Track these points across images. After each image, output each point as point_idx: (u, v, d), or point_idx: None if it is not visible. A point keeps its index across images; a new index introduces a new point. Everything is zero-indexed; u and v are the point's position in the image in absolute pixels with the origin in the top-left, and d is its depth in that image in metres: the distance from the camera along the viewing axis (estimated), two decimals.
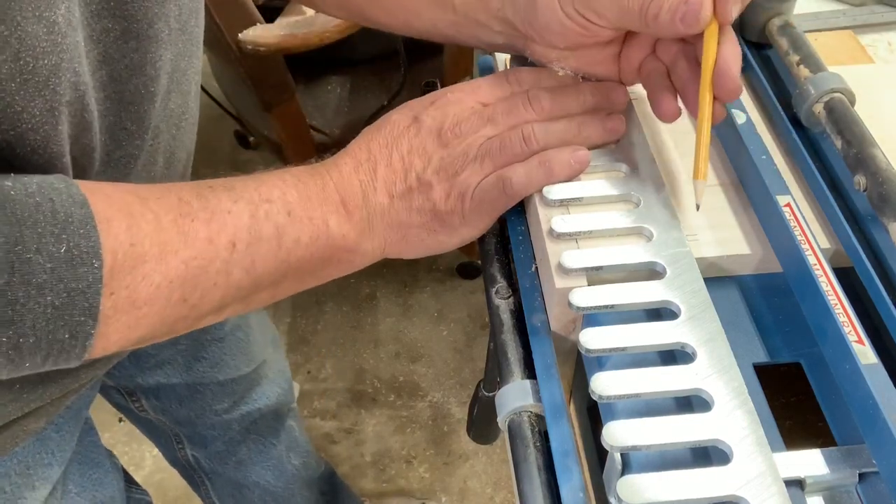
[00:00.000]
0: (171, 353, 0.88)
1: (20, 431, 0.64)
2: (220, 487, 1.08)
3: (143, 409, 0.93)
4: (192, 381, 0.91)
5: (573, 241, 0.55)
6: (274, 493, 1.10)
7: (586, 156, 0.57)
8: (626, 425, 0.45)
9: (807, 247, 0.53)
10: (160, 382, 0.90)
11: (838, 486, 0.47)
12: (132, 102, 0.52)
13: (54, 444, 0.71)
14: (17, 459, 0.67)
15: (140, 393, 0.91)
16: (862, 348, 0.47)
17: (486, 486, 1.56)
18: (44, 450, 0.70)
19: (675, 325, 0.50)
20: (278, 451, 1.08)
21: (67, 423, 0.72)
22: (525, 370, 0.54)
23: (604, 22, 0.55)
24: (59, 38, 0.42)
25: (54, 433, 0.71)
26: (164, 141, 0.59)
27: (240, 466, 1.05)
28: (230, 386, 0.95)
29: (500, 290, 0.59)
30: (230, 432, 1.00)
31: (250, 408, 0.99)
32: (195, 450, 1.02)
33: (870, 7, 0.80)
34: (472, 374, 1.71)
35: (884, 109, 0.65)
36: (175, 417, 0.96)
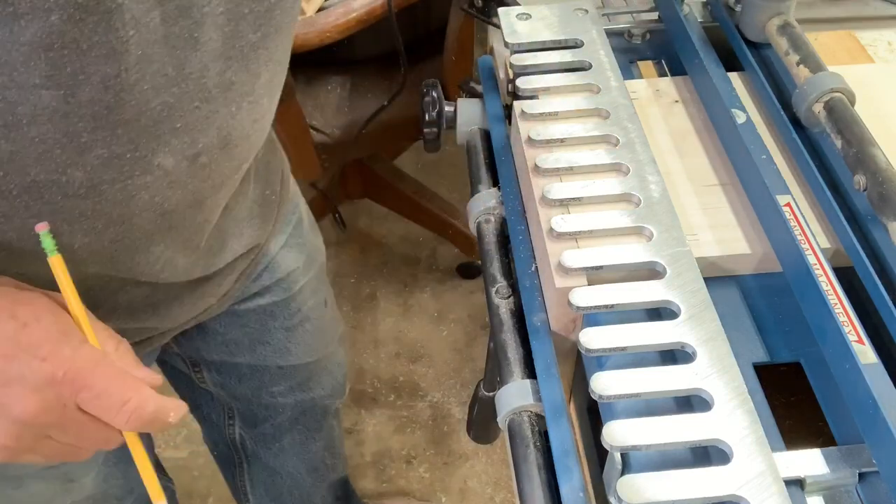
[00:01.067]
0: (238, 334, 0.89)
1: None
2: (255, 472, 1.09)
3: (203, 380, 0.95)
4: (254, 363, 0.93)
5: (573, 240, 0.55)
6: (301, 487, 1.12)
7: None
8: (626, 425, 0.45)
9: (807, 247, 0.53)
10: (224, 359, 0.91)
11: (838, 485, 0.47)
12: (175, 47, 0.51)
13: None
14: None
15: (203, 364, 0.93)
16: (862, 348, 0.47)
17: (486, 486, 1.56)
18: None
19: (675, 325, 0.50)
20: (317, 448, 1.10)
21: None
22: (525, 370, 0.54)
23: None
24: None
25: None
26: (218, 114, 0.57)
27: (280, 454, 1.06)
28: (290, 371, 0.96)
29: (500, 290, 0.59)
30: (280, 417, 1.01)
31: (305, 396, 1.01)
32: (244, 428, 1.03)
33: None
34: (472, 374, 1.71)
35: (884, 109, 0.65)
36: (233, 392, 0.97)
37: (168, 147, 0.55)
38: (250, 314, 0.87)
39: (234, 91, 0.57)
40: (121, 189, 0.54)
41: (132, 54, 0.49)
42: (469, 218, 0.66)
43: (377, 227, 1.95)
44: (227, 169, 0.62)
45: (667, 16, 0.76)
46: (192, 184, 0.60)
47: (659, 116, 0.68)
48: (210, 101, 0.56)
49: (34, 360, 0.48)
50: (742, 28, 0.70)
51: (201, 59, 0.53)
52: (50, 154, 0.50)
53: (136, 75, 0.50)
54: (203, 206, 0.63)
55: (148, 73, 0.51)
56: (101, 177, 0.54)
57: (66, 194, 0.54)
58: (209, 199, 0.64)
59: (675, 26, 0.73)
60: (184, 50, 0.52)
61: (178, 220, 0.61)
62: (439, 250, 1.89)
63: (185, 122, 0.55)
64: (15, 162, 0.51)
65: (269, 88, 0.62)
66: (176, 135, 0.55)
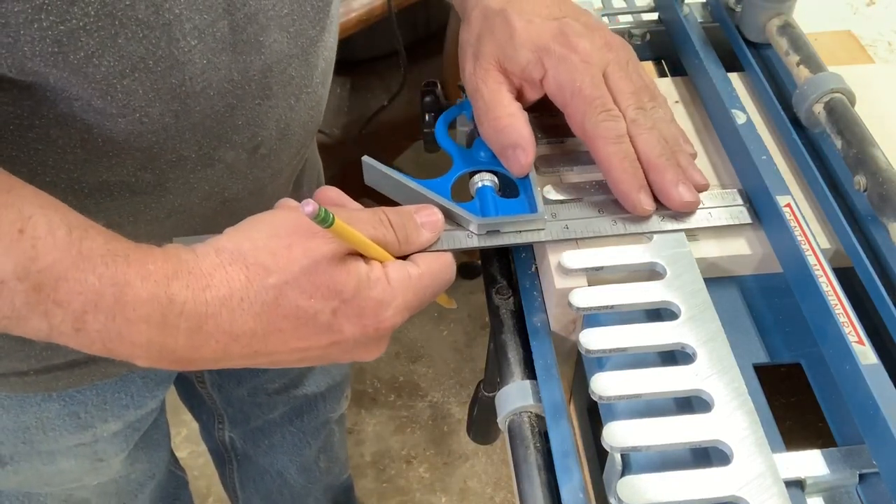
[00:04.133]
0: None
1: (98, 371, 0.66)
2: (244, 470, 1.09)
3: (203, 383, 0.95)
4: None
5: (573, 241, 0.55)
6: (292, 488, 1.11)
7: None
8: (627, 426, 0.45)
9: (807, 247, 0.53)
10: None
11: (838, 486, 0.47)
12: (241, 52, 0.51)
13: (135, 388, 0.72)
14: (96, 391, 0.69)
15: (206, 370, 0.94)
16: (862, 348, 0.47)
17: (486, 486, 1.56)
18: (124, 391, 0.71)
19: (675, 326, 0.50)
20: (311, 452, 1.09)
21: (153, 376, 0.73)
22: (525, 370, 0.53)
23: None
24: None
25: (138, 378, 0.72)
26: (277, 108, 0.57)
27: (270, 451, 1.06)
28: (286, 370, 0.96)
29: (500, 290, 0.59)
30: (273, 413, 1.02)
31: (298, 392, 1.01)
32: (234, 430, 1.04)
33: None
34: (472, 374, 1.71)
35: (884, 109, 0.65)
36: (228, 397, 0.98)
37: (229, 143, 0.56)
38: None
39: (294, 85, 0.58)
40: (183, 183, 0.55)
41: (197, 64, 0.49)
42: None
43: None
44: (285, 156, 0.64)
45: (667, 16, 0.76)
46: (252, 174, 0.61)
47: None
48: (270, 98, 0.56)
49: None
50: (742, 28, 0.70)
51: (265, 60, 0.54)
52: (122, 163, 0.51)
53: (202, 83, 0.51)
54: (263, 194, 0.64)
55: (214, 81, 0.51)
56: (167, 175, 0.55)
57: (133, 192, 0.56)
58: (269, 187, 0.65)
59: (675, 26, 0.73)
60: (248, 54, 0.52)
61: (239, 207, 0.61)
62: None
63: (246, 119, 0.55)
64: (88, 166, 0.52)
65: (324, 77, 0.64)
66: (237, 131, 0.55)
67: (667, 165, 0.55)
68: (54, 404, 0.69)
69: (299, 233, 0.46)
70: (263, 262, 0.45)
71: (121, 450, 0.78)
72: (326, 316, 0.46)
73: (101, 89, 0.47)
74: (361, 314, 0.47)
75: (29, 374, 0.64)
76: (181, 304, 0.43)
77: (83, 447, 0.74)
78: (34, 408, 0.68)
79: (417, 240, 0.51)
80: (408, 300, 0.49)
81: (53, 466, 0.75)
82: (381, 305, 0.48)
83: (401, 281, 0.49)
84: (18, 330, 0.43)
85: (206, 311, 0.44)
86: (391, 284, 0.48)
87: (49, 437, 0.71)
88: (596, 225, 0.55)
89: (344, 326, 0.47)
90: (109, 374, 0.69)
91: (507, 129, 0.56)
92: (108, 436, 0.75)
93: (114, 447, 0.77)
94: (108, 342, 0.44)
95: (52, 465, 0.74)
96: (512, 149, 0.56)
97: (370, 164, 0.56)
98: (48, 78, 0.45)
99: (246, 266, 0.45)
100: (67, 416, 0.70)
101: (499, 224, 0.55)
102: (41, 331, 0.43)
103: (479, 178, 0.58)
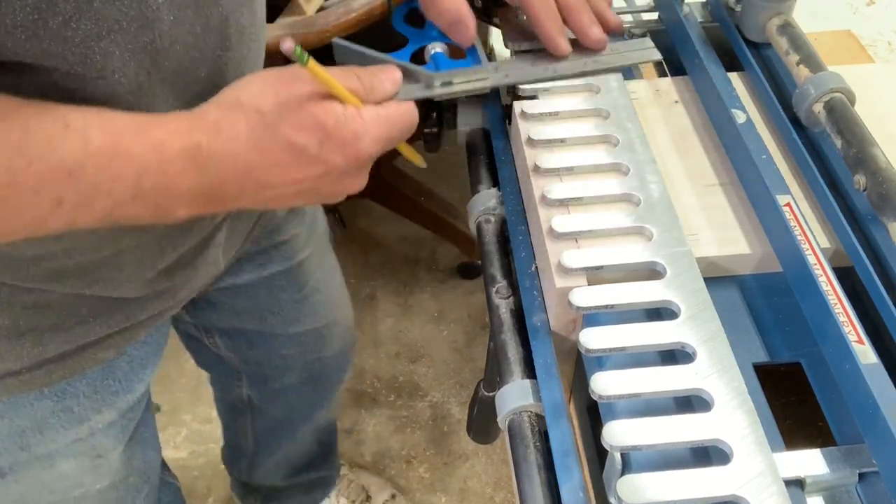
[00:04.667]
0: (247, 305, 0.93)
1: (89, 359, 0.70)
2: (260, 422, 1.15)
3: (216, 345, 0.99)
4: (263, 330, 0.97)
5: (573, 240, 0.55)
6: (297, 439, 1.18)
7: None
8: (626, 425, 0.45)
9: (807, 246, 0.53)
10: (235, 326, 0.95)
11: (838, 485, 0.47)
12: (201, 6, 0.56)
13: (122, 372, 0.75)
14: (86, 382, 0.72)
15: (215, 331, 0.97)
16: (862, 348, 0.47)
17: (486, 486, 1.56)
18: (112, 377, 0.75)
19: (675, 325, 0.50)
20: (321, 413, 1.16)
21: (138, 359, 0.77)
22: (525, 370, 0.54)
23: None
24: None
25: (125, 364, 0.75)
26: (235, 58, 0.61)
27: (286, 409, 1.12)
28: (299, 337, 1.00)
29: (500, 290, 0.59)
30: (290, 376, 1.06)
31: (313, 356, 1.05)
32: (251, 388, 1.08)
33: None
34: (472, 374, 1.71)
35: (884, 109, 0.65)
36: (244, 357, 1.02)
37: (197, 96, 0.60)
38: (258, 287, 0.91)
39: (246, 34, 0.62)
40: None
41: (164, 21, 0.53)
42: (469, 218, 0.66)
43: (377, 227, 1.95)
44: None
45: (667, 16, 0.76)
46: None
47: (659, 116, 0.68)
48: (229, 49, 0.60)
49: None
50: (742, 28, 0.70)
51: (222, 11, 0.58)
52: None
53: (170, 39, 0.54)
54: None
55: (180, 35, 0.55)
56: None
57: None
58: None
59: (675, 26, 0.73)
60: (208, 7, 0.56)
61: None
62: (439, 250, 1.89)
63: (208, 71, 0.60)
64: None
65: (261, 25, 0.68)
66: (202, 83, 0.59)
67: (582, 9, 0.68)
68: (47, 402, 0.70)
69: (282, 80, 0.55)
70: (257, 107, 0.53)
71: (118, 442, 0.79)
72: (315, 147, 0.54)
73: (80, 53, 0.50)
74: (343, 144, 0.55)
75: (22, 372, 0.66)
76: (206, 149, 0.52)
77: (80, 443, 0.75)
78: (27, 409, 0.70)
79: (381, 88, 0.60)
80: (379, 133, 0.57)
81: (54, 471, 0.75)
82: (357, 136, 0.56)
83: (371, 117, 0.57)
84: (86, 216, 0.50)
85: (224, 151, 0.52)
86: (364, 119, 0.56)
87: (46, 438, 0.72)
88: (531, 72, 0.67)
89: (329, 156, 0.55)
90: (99, 360, 0.71)
91: (448, 9, 0.66)
92: (104, 427, 0.76)
93: (110, 439, 0.78)
94: (159, 199, 0.52)
95: (52, 469, 0.75)
96: (455, 24, 0.66)
97: (340, 44, 0.68)
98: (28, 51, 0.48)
99: (244, 113, 0.53)
100: (61, 412, 0.72)
101: (451, 75, 0.65)
102: (105, 209, 0.50)
103: (432, 47, 0.69)
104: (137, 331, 0.72)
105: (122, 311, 0.69)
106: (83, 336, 0.68)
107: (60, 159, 0.47)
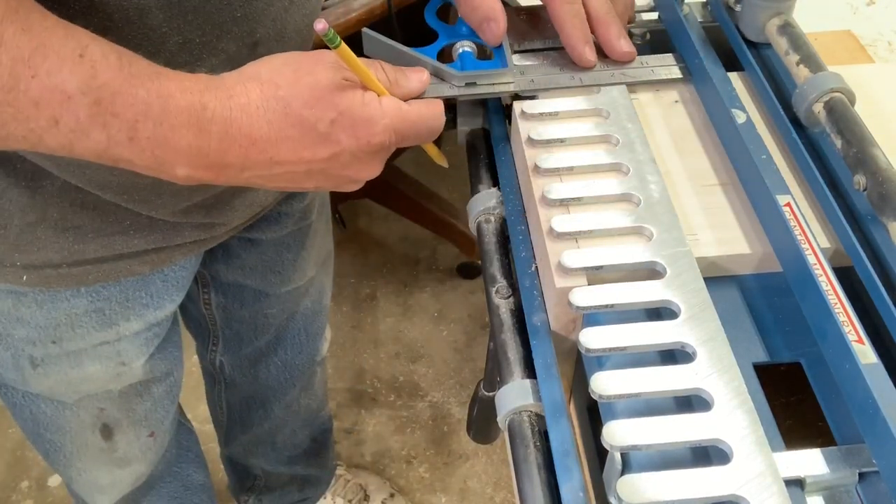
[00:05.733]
0: (255, 261, 0.94)
1: (124, 268, 0.73)
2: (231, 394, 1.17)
3: (208, 302, 1.01)
4: (261, 288, 0.98)
5: (573, 240, 0.55)
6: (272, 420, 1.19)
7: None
8: (626, 425, 0.45)
9: (807, 246, 0.53)
10: (238, 281, 0.97)
11: (838, 485, 0.47)
12: None
13: (155, 288, 0.79)
14: (119, 288, 0.76)
15: (214, 286, 0.99)
16: (862, 348, 0.47)
17: (486, 486, 1.56)
18: (145, 290, 0.78)
19: (675, 325, 0.50)
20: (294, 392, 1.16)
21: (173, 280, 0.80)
22: (525, 370, 0.54)
23: None
24: None
25: (158, 280, 0.78)
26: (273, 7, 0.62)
27: (255, 382, 1.12)
28: (286, 295, 1.02)
29: (500, 290, 0.59)
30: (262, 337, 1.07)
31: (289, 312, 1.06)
32: (225, 354, 1.09)
33: None
34: (472, 374, 1.71)
35: (884, 109, 0.65)
36: (230, 316, 1.03)
37: (230, 34, 0.62)
38: (270, 244, 0.93)
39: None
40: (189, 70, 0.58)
41: None
42: (469, 218, 0.66)
43: (377, 227, 1.95)
44: None
45: (667, 16, 0.76)
46: None
47: (659, 116, 0.68)
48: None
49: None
50: (742, 28, 0.70)
51: None
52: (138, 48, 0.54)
53: None
54: None
55: None
56: (176, 60, 0.60)
57: None
58: None
59: (675, 26, 0.73)
60: None
61: None
62: (439, 250, 1.89)
63: (245, 13, 0.61)
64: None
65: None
66: (237, 23, 0.61)
67: (611, 21, 0.66)
68: (82, 300, 0.74)
69: (306, 60, 0.56)
70: (274, 80, 0.54)
71: (141, 353, 0.82)
72: (325, 125, 0.55)
73: None
74: (355, 125, 0.56)
75: (62, 266, 0.70)
76: (212, 111, 0.52)
77: (107, 346, 0.79)
78: (64, 303, 0.74)
79: (406, 85, 0.61)
80: (395, 124, 0.57)
81: (80, 370, 0.80)
82: (371, 121, 0.56)
83: (391, 107, 0.57)
84: (80, 145, 0.50)
85: (230, 116, 0.53)
86: (382, 106, 0.57)
87: (77, 335, 0.76)
88: (556, 79, 0.66)
89: (340, 136, 0.55)
90: (134, 272, 0.74)
91: (481, 5, 0.65)
92: (130, 335, 0.80)
93: (135, 348, 0.81)
94: (155, 149, 0.52)
95: (79, 368, 0.79)
96: (486, 21, 0.65)
97: (370, 35, 0.65)
98: None
99: (260, 83, 0.54)
100: (94, 313, 0.76)
101: (475, 77, 0.65)
102: (100, 143, 0.50)
103: (460, 45, 0.68)
104: (173, 254, 0.75)
105: (160, 231, 0.72)
106: (122, 246, 0.71)
107: (62, 82, 0.48)
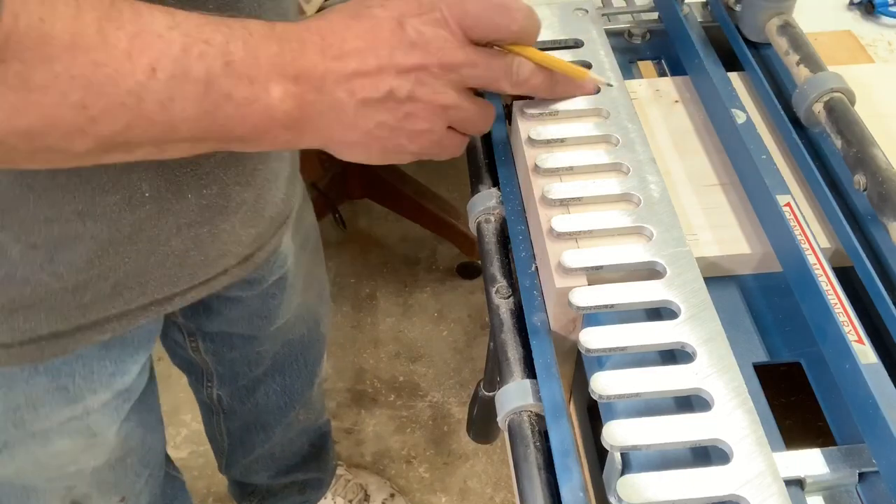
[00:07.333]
0: (240, 313, 0.93)
1: (82, 338, 0.68)
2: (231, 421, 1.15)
3: (196, 349, 0.99)
4: (248, 333, 0.97)
5: (573, 240, 0.55)
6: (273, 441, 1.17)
7: None
8: (626, 425, 0.45)
9: (807, 246, 0.53)
10: (223, 330, 0.95)
11: (838, 485, 0.47)
12: None
13: (116, 353, 0.74)
14: (82, 362, 0.71)
15: (200, 336, 0.97)
16: (862, 348, 0.47)
17: (486, 486, 1.56)
18: (108, 357, 0.74)
19: (675, 325, 0.50)
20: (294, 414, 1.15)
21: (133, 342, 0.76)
22: (525, 370, 0.54)
23: None
24: None
25: (118, 346, 0.74)
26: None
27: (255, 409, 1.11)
28: (276, 333, 1.00)
29: (500, 289, 0.59)
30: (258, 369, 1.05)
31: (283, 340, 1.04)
32: (221, 388, 1.08)
33: None
34: (472, 374, 1.71)
35: (884, 109, 0.65)
36: (220, 359, 1.01)
37: None
38: (254, 297, 0.91)
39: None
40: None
41: None
42: (469, 218, 0.66)
43: (377, 227, 1.95)
44: None
45: (667, 16, 0.76)
46: None
47: (659, 116, 0.68)
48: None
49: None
50: (742, 28, 0.70)
51: None
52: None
53: None
54: None
55: None
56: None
57: None
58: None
59: (675, 26, 0.73)
60: None
61: None
62: (439, 250, 1.89)
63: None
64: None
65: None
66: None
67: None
68: (42, 378, 0.70)
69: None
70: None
71: (112, 421, 0.79)
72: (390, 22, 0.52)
73: None
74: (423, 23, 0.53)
75: (13, 346, 0.66)
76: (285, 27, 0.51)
77: (75, 421, 0.75)
78: (22, 385, 0.69)
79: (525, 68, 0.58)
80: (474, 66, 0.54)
81: (49, 448, 0.75)
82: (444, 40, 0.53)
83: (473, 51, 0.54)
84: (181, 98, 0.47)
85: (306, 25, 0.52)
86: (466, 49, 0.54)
87: (40, 415, 0.72)
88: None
89: (401, 8, 0.53)
90: (92, 340, 0.70)
91: None
92: (99, 406, 0.76)
93: (105, 418, 0.78)
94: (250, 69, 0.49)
95: (47, 446, 0.75)
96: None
97: None
98: None
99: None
100: (56, 391, 0.71)
101: None
102: (199, 79, 0.47)
103: None
104: (132, 318, 0.71)
105: (120, 296, 0.68)
106: (78, 317, 0.66)
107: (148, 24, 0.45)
